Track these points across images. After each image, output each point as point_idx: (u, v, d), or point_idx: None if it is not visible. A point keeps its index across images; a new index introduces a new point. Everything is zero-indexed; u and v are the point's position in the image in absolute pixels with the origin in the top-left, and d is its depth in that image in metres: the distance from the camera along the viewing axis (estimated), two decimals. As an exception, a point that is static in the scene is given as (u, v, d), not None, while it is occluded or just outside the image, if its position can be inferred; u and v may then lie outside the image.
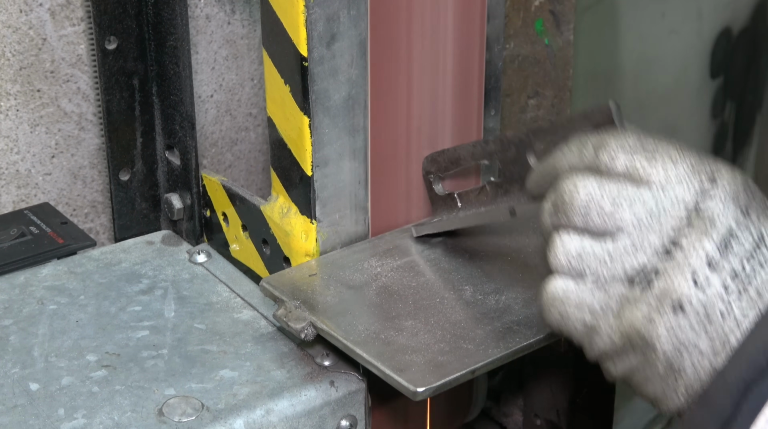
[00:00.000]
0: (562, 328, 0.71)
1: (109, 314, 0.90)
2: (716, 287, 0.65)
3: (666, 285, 0.66)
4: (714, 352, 0.65)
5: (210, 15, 1.07)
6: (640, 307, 0.66)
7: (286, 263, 0.91)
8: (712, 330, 0.65)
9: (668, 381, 0.67)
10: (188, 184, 1.00)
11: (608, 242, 0.68)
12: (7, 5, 0.97)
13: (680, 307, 0.65)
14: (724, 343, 0.65)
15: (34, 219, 1.00)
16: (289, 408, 0.80)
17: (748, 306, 0.65)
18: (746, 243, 0.65)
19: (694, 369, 0.65)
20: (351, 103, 0.87)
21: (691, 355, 0.65)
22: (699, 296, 0.65)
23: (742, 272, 0.65)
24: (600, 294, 0.68)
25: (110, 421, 0.77)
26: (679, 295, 0.65)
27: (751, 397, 0.62)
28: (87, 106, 1.04)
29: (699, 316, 0.65)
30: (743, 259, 0.65)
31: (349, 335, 0.80)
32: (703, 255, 0.65)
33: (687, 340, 0.65)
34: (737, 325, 0.64)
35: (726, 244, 0.65)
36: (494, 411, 1.08)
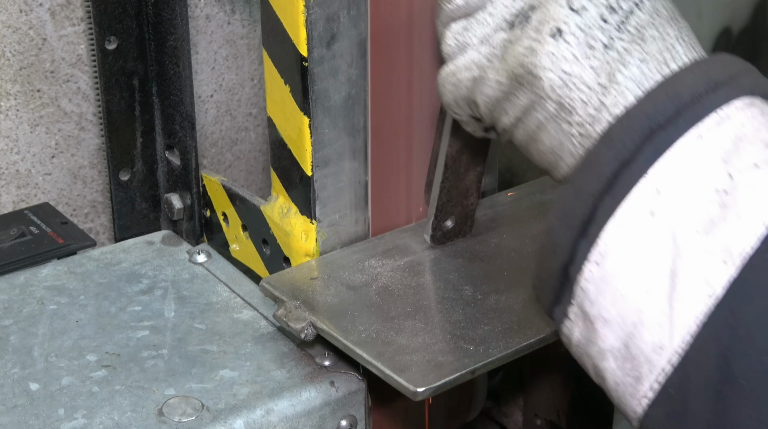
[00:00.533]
0: (456, 98, 0.74)
1: (109, 314, 0.90)
2: (593, 14, 0.66)
3: (543, 14, 0.67)
4: (602, 87, 0.65)
5: (210, 15, 1.07)
6: (522, 42, 0.68)
7: (286, 263, 0.91)
8: (595, 61, 0.65)
9: (561, 124, 0.67)
10: (188, 184, 1.00)
11: (488, 6, 0.71)
12: (7, 5, 0.97)
13: (558, 32, 0.66)
14: (610, 77, 0.65)
15: (34, 219, 1.00)
16: (289, 408, 0.80)
17: (630, 40, 0.65)
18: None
19: (584, 105, 0.66)
20: (351, 103, 0.87)
21: (578, 89, 0.66)
22: (576, 20, 0.66)
23: (618, 8, 0.66)
24: (485, 48, 0.71)
25: (110, 421, 0.77)
26: (555, 20, 0.67)
27: (655, 141, 0.62)
28: (87, 106, 1.04)
29: (579, 41, 0.66)
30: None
31: (349, 335, 0.80)
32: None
33: (571, 71, 0.66)
34: (620, 57, 0.65)
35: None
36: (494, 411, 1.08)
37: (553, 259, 0.66)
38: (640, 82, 0.65)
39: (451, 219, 0.91)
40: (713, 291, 0.59)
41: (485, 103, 0.72)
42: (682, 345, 0.60)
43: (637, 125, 0.63)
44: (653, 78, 0.65)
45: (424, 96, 0.92)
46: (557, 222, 0.66)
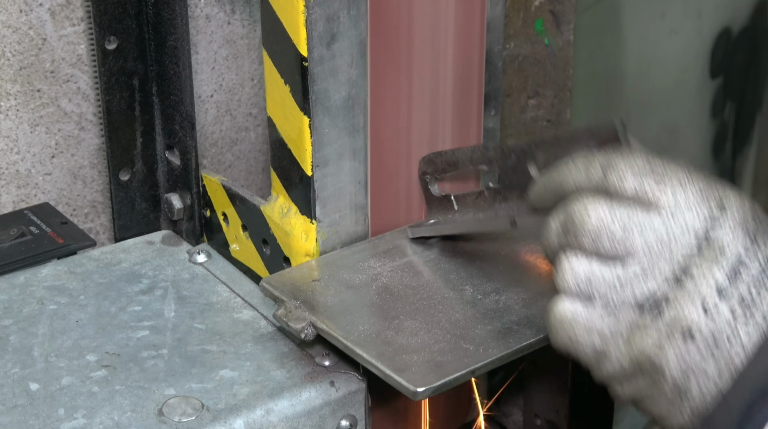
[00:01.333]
0: (571, 351, 0.71)
1: (109, 314, 0.90)
2: (725, 314, 0.65)
3: (676, 313, 0.66)
4: (720, 375, 0.66)
5: (210, 15, 1.07)
6: (651, 333, 0.67)
7: (286, 263, 0.91)
8: (719, 355, 0.65)
9: (674, 403, 0.67)
10: (188, 184, 1.00)
11: (618, 267, 0.68)
12: (7, 5, 0.97)
13: (690, 335, 0.66)
14: (729, 365, 0.65)
15: (34, 219, 1.00)
16: (289, 408, 0.80)
17: (754, 330, 0.65)
18: (754, 269, 0.66)
19: (701, 391, 0.66)
20: (351, 103, 0.87)
21: (698, 379, 0.66)
22: (709, 324, 0.66)
23: (749, 298, 0.66)
24: (610, 319, 0.69)
25: (110, 421, 0.77)
26: (689, 323, 0.66)
27: (753, 418, 0.64)
28: (87, 106, 1.04)
29: (707, 342, 0.66)
30: (750, 286, 0.66)
31: (349, 335, 0.80)
32: (713, 284, 0.66)
33: (695, 365, 0.66)
34: (743, 348, 0.65)
35: (735, 273, 0.66)
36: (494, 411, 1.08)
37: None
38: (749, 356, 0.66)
39: None
40: None
41: (602, 373, 0.71)
42: None
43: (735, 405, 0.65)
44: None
45: (424, 96, 0.92)
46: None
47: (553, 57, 1.23)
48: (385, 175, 0.92)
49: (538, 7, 1.21)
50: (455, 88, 0.94)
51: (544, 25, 1.22)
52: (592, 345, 0.70)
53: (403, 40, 0.89)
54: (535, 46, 1.23)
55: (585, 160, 0.70)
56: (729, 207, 0.67)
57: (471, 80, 0.95)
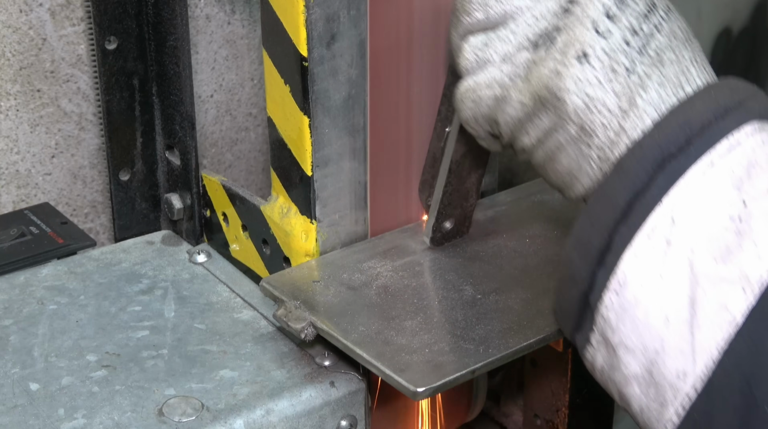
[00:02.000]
0: (476, 115, 0.73)
1: (109, 314, 0.90)
2: (617, 38, 0.66)
3: (568, 37, 0.67)
4: (622, 111, 0.66)
5: (210, 15, 1.07)
6: (547, 64, 0.68)
7: (286, 263, 0.91)
8: (618, 85, 0.66)
9: (581, 146, 0.67)
10: (188, 184, 1.00)
11: (510, 23, 0.70)
12: (7, 5, 0.97)
13: (584, 55, 0.67)
14: (631, 101, 0.66)
15: (34, 219, 1.00)
16: (289, 408, 0.80)
17: (650, 64, 0.66)
18: (640, 4, 0.67)
19: (605, 129, 0.66)
20: (351, 103, 0.87)
21: (600, 113, 0.66)
22: (601, 43, 0.66)
23: (640, 31, 0.66)
24: (507, 66, 0.71)
25: (110, 421, 0.77)
26: (581, 43, 0.67)
27: (667, 170, 0.63)
28: (87, 106, 1.04)
29: (603, 65, 0.66)
30: (640, 19, 0.66)
31: (349, 335, 0.80)
32: (600, 6, 0.67)
33: (594, 95, 0.66)
34: (641, 82, 0.66)
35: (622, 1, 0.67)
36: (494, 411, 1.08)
37: (572, 287, 0.66)
38: (658, 106, 0.66)
39: (450, 220, 0.91)
40: (733, 318, 0.60)
41: (506, 122, 0.72)
42: (705, 371, 0.61)
43: (650, 155, 0.64)
44: (669, 102, 0.66)
45: (424, 96, 0.92)
46: (575, 251, 0.66)
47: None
48: (385, 175, 0.92)
49: (538, 7, 1.21)
50: (455, 88, 0.94)
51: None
52: (493, 96, 0.71)
53: (403, 40, 0.89)
54: (535, 46, 1.23)
55: None
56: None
57: (471, 80, 0.95)
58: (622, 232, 0.64)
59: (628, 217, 0.64)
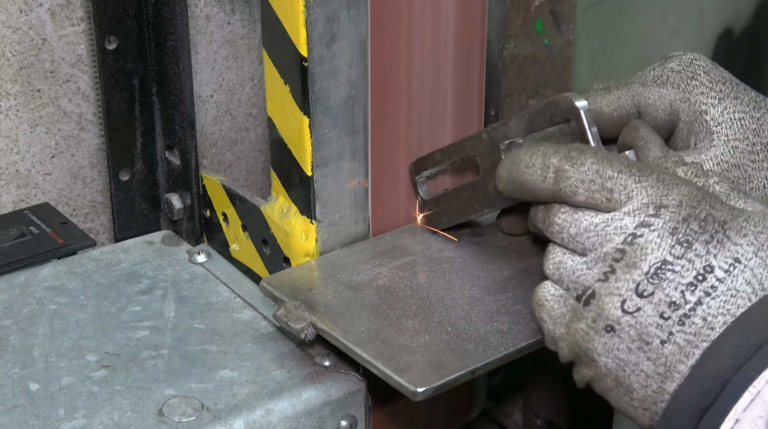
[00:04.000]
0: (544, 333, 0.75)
1: (109, 314, 0.90)
2: (649, 314, 0.68)
3: (598, 307, 0.70)
4: (660, 375, 0.68)
5: (210, 15, 1.07)
6: (581, 323, 0.71)
7: (286, 263, 0.91)
8: (651, 354, 0.68)
9: (622, 396, 0.70)
10: (188, 184, 1.00)
11: (576, 258, 0.73)
12: (7, 5, 0.97)
13: (612, 329, 0.69)
14: (670, 369, 0.67)
15: (34, 219, 1.00)
16: (289, 408, 0.80)
17: (694, 333, 0.67)
18: (687, 275, 0.68)
19: (643, 388, 0.69)
20: (351, 103, 0.87)
21: (635, 374, 0.69)
22: (629, 321, 0.69)
23: (682, 303, 0.67)
24: (561, 306, 0.73)
25: (110, 421, 0.77)
26: (608, 319, 0.69)
27: (704, 423, 0.65)
28: (87, 106, 1.04)
29: (632, 338, 0.68)
30: (683, 290, 0.68)
31: (349, 335, 0.80)
32: (632, 285, 0.69)
33: (626, 360, 0.69)
34: (680, 351, 0.67)
35: (658, 276, 0.68)
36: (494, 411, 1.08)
37: None
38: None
39: None
40: None
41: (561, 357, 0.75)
42: None
43: (687, 409, 0.66)
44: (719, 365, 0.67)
45: (424, 96, 0.92)
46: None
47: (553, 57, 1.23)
48: (385, 175, 0.92)
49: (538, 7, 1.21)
50: (455, 88, 0.94)
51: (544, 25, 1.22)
52: (550, 327, 0.74)
53: (403, 40, 0.89)
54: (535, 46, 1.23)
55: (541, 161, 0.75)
56: (665, 210, 0.70)
57: (471, 80, 0.95)
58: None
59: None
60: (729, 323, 0.66)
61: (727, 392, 0.65)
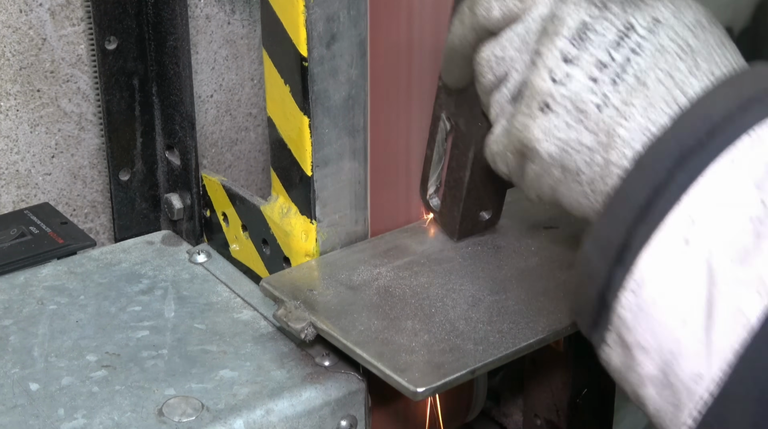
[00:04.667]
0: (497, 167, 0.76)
1: (109, 314, 0.90)
2: (579, 78, 0.66)
3: (531, 90, 0.69)
4: (603, 145, 0.66)
5: (210, 15, 1.07)
6: (518, 118, 0.70)
7: (286, 263, 0.91)
8: (591, 123, 0.66)
9: (571, 185, 0.68)
10: (188, 184, 1.00)
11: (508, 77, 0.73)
12: (7, 5, 0.97)
13: (546, 106, 0.68)
14: (610, 134, 0.65)
15: (34, 219, 1.00)
16: (289, 408, 0.80)
17: (628, 91, 0.65)
18: (608, 33, 0.66)
19: (588, 165, 0.67)
20: (351, 103, 0.87)
21: (577, 152, 0.67)
22: (560, 90, 0.67)
23: (611, 62, 0.66)
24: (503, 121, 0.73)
25: (110, 421, 0.77)
26: (541, 94, 0.68)
27: (687, 166, 0.62)
28: (87, 106, 1.04)
29: (568, 110, 0.67)
30: (609, 49, 0.66)
31: (349, 335, 0.80)
32: (557, 53, 0.67)
33: (566, 138, 0.67)
34: (618, 113, 0.65)
35: (581, 37, 0.67)
36: (494, 411, 1.08)
37: (590, 285, 0.66)
38: (646, 130, 0.65)
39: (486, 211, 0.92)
40: (748, 321, 0.59)
41: (506, 174, 0.75)
42: (721, 375, 0.60)
43: (668, 151, 0.63)
44: (660, 122, 0.64)
45: (424, 96, 0.92)
46: (593, 249, 0.66)
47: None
48: (385, 175, 0.92)
49: (538, 7, 1.21)
50: (455, 88, 0.94)
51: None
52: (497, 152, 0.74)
53: (403, 40, 0.89)
54: (536, 46, 1.23)
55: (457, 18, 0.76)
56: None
57: (471, 80, 0.95)
58: (641, 231, 0.63)
59: (647, 215, 0.63)
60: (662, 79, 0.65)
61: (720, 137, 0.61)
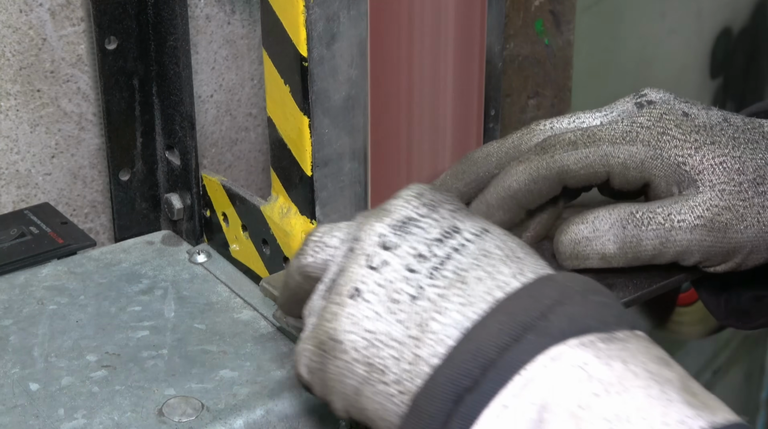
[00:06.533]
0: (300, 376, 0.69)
1: (109, 314, 0.90)
2: (395, 267, 0.63)
3: (344, 277, 0.64)
4: (414, 339, 0.61)
5: (210, 15, 1.07)
6: (328, 309, 0.65)
7: (286, 263, 0.91)
8: (402, 314, 0.62)
9: (376, 386, 0.62)
10: (188, 184, 1.00)
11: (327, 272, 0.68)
12: (7, 5, 0.97)
13: (357, 291, 0.63)
14: (423, 327, 0.61)
15: (34, 219, 1.00)
16: (289, 408, 0.80)
17: (447, 285, 0.62)
18: (432, 231, 0.64)
19: (396, 362, 0.62)
20: (351, 103, 0.87)
21: (386, 347, 0.62)
22: (374, 277, 0.63)
23: (430, 255, 0.63)
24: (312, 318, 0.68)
25: (110, 421, 0.77)
26: (353, 280, 0.64)
27: (461, 411, 0.58)
28: (87, 106, 1.04)
29: (379, 298, 0.62)
30: (430, 244, 0.63)
31: (349, 335, 0.80)
32: (375, 238, 0.64)
33: (374, 329, 0.62)
34: (432, 306, 0.61)
35: (403, 229, 0.64)
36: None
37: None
38: (463, 326, 0.60)
39: None
40: None
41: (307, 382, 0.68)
42: None
43: (442, 392, 0.58)
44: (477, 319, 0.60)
45: (424, 96, 0.92)
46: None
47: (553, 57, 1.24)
48: (385, 175, 0.92)
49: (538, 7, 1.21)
50: (455, 88, 0.94)
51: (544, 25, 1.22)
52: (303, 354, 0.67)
53: (403, 40, 0.90)
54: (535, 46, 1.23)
55: None
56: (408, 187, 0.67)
57: (471, 80, 0.95)
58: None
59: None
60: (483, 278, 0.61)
61: (492, 375, 0.57)
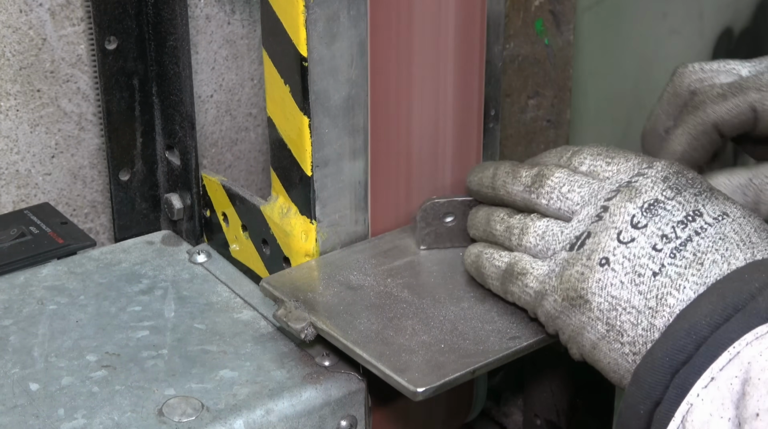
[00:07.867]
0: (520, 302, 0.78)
1: (109, 314, 0.90)
2: (642, 244, 0.70)
3: (594, 243, 0.72)
4: (651, 310, 0.69)
5: (210, 15, 1.07)
6: (575, 266, 0.72)
7: (286, 263, 0.91)
8: (643, 286, 0.69)
9: (612, 344, 0.70)
10: (188, 184, 1.00)
11: (560, 222, 0.76)
12: (7, 5, 0.97)
13: (606, 261, 0.71)
14: (660, 301, 0.68)
15: (34, 219, 1.00)
16: (289, 408, 0.80)
17: (685, 265, 0.69)
18: (677, 214, 0.71)
19: (633, 327, 0.69)
20: (351, 103, 0.87)
21: (626, 312, 0.69)
22: (622, 251, 0.70)
23: (674, 237, 0.70)
24: (551, 263, 0.75)
25: (110, 421, 0.77)
26: (604, 250, 0.71)
27: (676, 381, 0.65)
28: (87, 106, 1.04)
29: (625, 270, 0.70)
30: (674, 226, 0.70)
31: (349, 335, 0.80)
32: (627, 216, 0.72)
33: (618, 295, 0.70)
34: (671, 283, 0.68)
35: (651, 211, 0.71)
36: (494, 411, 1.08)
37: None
38: None
39: None
40: None
41: (544, 316, 0.76)
42: None
43: (660, 366, 0.66)
44: None
45: (424, 96, 0.92)
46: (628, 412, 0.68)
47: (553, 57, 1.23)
48: (385, 175, 0.92)
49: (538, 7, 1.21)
50: (455, 88, 0.94)
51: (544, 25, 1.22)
52: (535, 290, 0.76)
53: (403, 40, 0.89)
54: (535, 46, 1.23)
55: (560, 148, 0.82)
56: (656, 164, 0.75)
57: (471, 80, 0.95)
58: None
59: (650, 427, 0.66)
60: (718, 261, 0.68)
61: (704, 351, 0.64)
